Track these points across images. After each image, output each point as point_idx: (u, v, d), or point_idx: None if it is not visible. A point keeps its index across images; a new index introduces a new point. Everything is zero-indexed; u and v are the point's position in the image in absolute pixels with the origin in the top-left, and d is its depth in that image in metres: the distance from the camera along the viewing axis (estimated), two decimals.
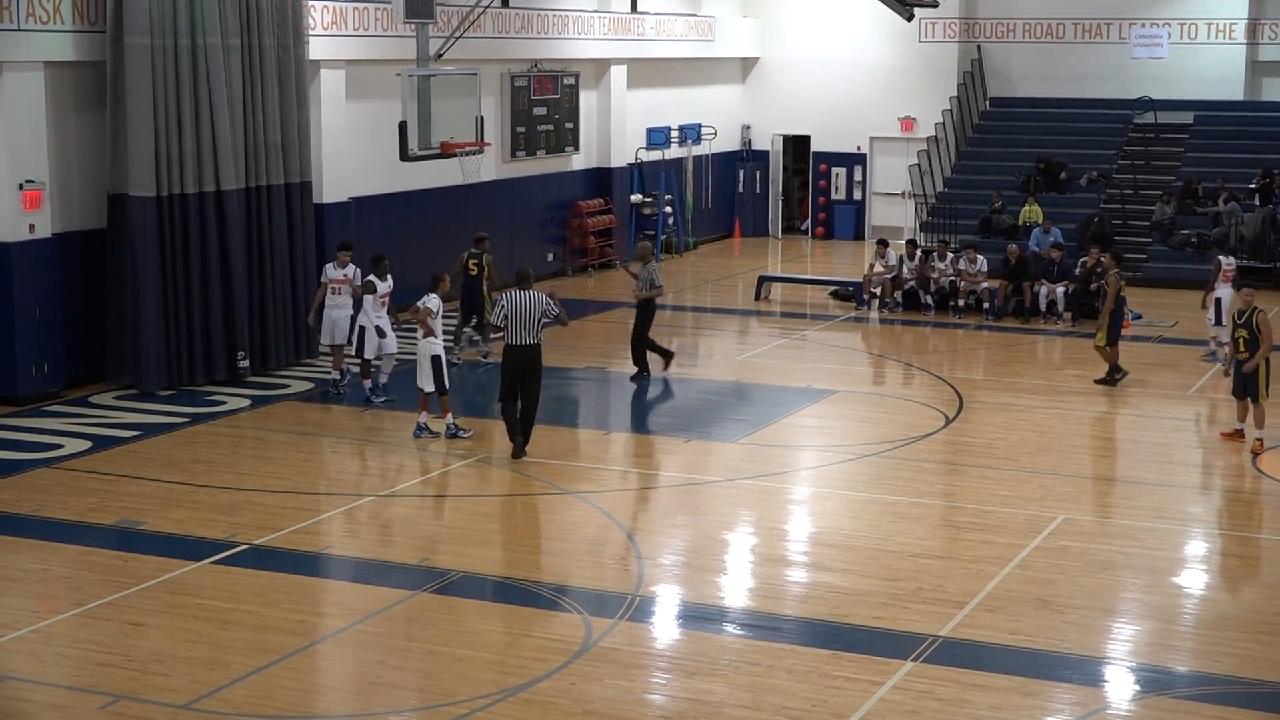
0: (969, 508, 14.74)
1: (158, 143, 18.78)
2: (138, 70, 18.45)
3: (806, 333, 24.54)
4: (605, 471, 16.29)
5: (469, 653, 11.06)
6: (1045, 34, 34.41)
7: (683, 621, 11.91)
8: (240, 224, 19.99)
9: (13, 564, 13.01)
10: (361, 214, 23.71)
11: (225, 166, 19.64)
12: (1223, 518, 14.89)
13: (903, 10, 31.29)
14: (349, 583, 12.88)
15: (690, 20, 33.23)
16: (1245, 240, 28.75)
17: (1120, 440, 17.37)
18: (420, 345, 17.06)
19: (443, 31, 23.07)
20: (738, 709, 10.12)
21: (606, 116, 30.68)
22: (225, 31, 19.48)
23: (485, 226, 26.77)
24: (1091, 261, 24.91)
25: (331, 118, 22.86)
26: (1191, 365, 21.50)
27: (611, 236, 30.42)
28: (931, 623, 11.61)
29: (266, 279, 20.45)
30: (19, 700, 10.21)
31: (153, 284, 18.86)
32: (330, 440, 17.27)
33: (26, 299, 18.30)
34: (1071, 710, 10.21)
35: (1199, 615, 12.14)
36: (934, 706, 10.16)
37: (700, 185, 34.55)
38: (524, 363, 16.09)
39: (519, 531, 14.20)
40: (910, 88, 34.63)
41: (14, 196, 18.05)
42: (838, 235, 35.73)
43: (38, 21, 17.93)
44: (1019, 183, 31.12)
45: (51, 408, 18.30)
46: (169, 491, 15.06)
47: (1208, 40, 33.02)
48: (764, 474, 16.05)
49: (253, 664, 10.75)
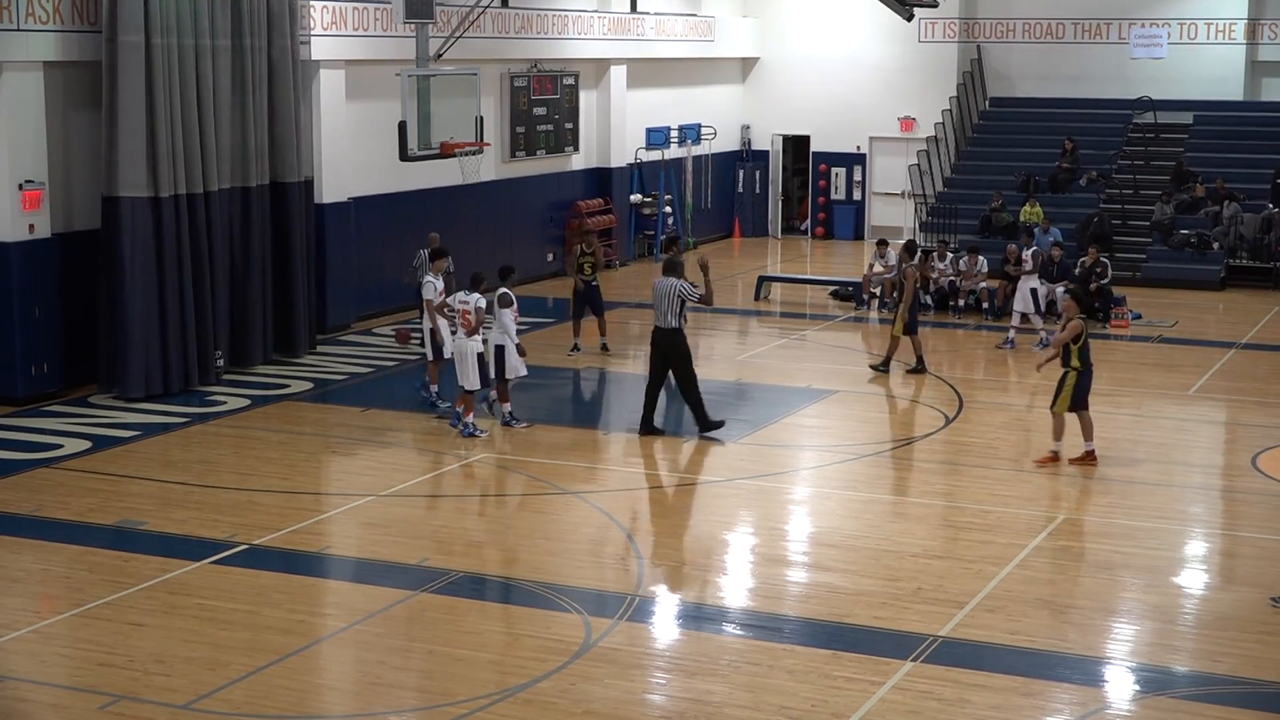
0: (969, 508, 14.73)
1: (153, 144, 18.72)
2: (132, 70, 18.40)
3: (806, 333, 24.54)
4: (605, 471, 16.29)
5: (469, 653, 11.05)
6: (1045, 34, 34.42)
7: (683, 621, 11.91)
8: (238, 224, 20.00)
9: (13, 564, 13.01)
10: (361, 214, 23.71)
11: (220, 167, 19.59)
12: (1223, 518, 14.88)
13: (902, 10, 31.28)
14: (349, 583, 12.88)
15: (690, 20, 33.23)
16: (1245, 240, 28.78)
17: (1120, 440, 17.35)
18: (463, 343, 17.04)
19: (442, 31, 23.06)
20: (738, 709, 10.12)
21: (606, 116, 30.68)
22: (220, 33, 19.47)
23: (485, 226, 26.89)
24: (1090, 261, 24.94)
25: (331, 118, 22.87)
26: (1191, 365, 21.51)
27: (611, 236, 30.41)
28: (931, 623, 11.61)
29: (264, 279, 20.43)
30: (19, 700, 10.21)
31: (145, 286, 18.77)
32: (330, 440, 17.27)
33: (26, 299, 18.30)
34: (1071, 710, 10.21)
35: (1199, 615, 12.14)
36: (934, 706, 10.16)
37: (700, 185, 34.55)
38: (663, 346, 17.21)
39: (519, 531, 14.19)
40: (910, 88, 34.64)
41: (14, 196, 18.04)
42: (837, 235, 35.73)
43: (37, 21, 17.93)
44: (1019, 182, 31.12)
45: (51, 408, 18.30)
46: (169, 491, 15.06)
47: (1207, 40, 33.03)
48: (764, 474, 16.05)
49: (252, 664, 10.75)
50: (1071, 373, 15.88)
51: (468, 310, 17.02)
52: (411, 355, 21.61)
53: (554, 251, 29.29)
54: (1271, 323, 25.05)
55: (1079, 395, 15.94)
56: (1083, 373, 15.87)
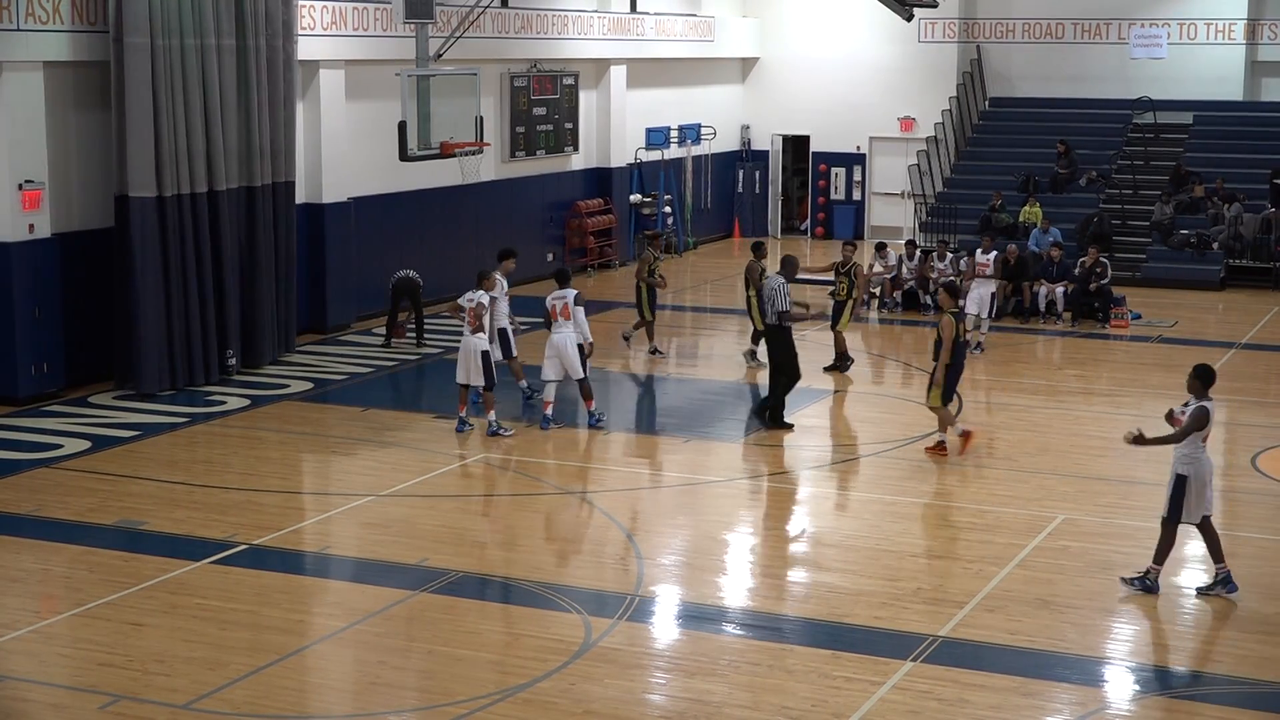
0: (969, 508, 14.74)
1: (158, 144, 18.75)
2: (138, 70, 18.43)
3: (806, 333, 24.54)
4: (605, 471, 16.29)
5: (469, 653, 11.06)
6: (1044, 34, 34.42)
7: (682, 621, 11.91)
8: (240, 223, 20.01)
9: (13, 564, 13.01)
10: (361, 214, 23.71)
11: (225, 167, 19.62)
12: (1222, 518, 14.86)
13: (902, 10, 31.29)
14: (349, 583, 12.88)
15: (690, 20, 33.24)
16: (1244, 240, 28.79)
17: (1119, 440, 17.33)
18: (469, 341, 17.06)
19: (442, 31, 23.06)
20: (738, 709, 10.12)
21: (606, 116, 30.67)
22: (224, 32, 19.49)
23: (485, 226, 26.90)
24: (1090, 261, 24.95)
25: (331, 118, 22.87)
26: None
27: (611, 236, 30.41)
28: (931, 623, 11.61)
29: (264, 278, 20.44)
30: (19, 700, 10.21)
31: (154, 285, 18.85)
32: (330, 440, 17.27)
33: (26, 299, 18.29)
34: (1071, 710, 10.22)
35: (1199, 615, 12.14)
36: (934, 706, 10.16)
37: (700, 185, 34.55)
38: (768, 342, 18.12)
39: (519, 531, 14.19)
40: (910, 88, 34.64)
41: (13, 196, 18.04)
42: (837, 235, 35.67)
43: (37, 21, 17.93)
44: (1018, 183, 31.13)
45: (51, 408, 18.29)
46: (169, 491, 15.07)
47: (1207, 41, 33.04)
48: (764, 474, 16.05)
49: (252, 664, 10.75)
50: (942, 367, 16.28)
51: (472, 308, 17.06)
52: (411, 355, 21.62)
53: (554, 251, 29.30)
54: (1271, 323, 25.05)
55: (949, 389, 16.44)
56: (951, 366, 16.32)
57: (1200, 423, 12.20)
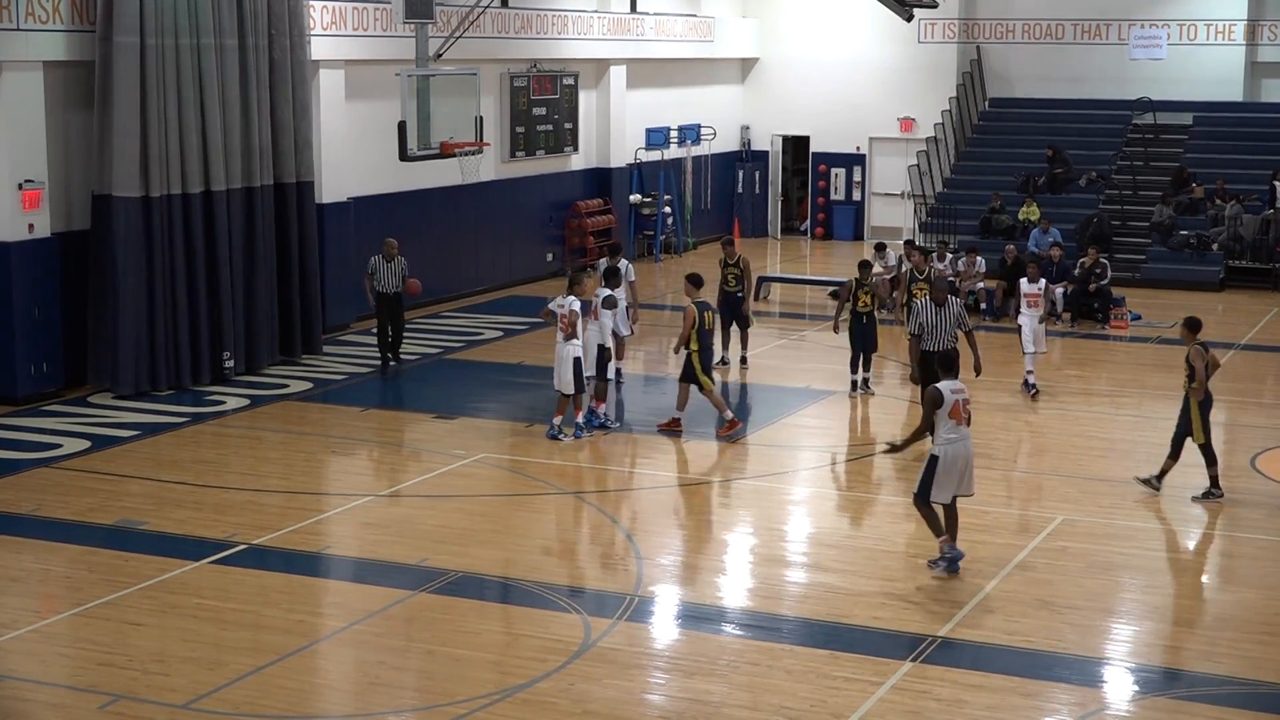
0: (968, 508, 14.69)
1: (145, 143, 18.69)
2: (125, 70, 18.37)
3: (806, 333, 24.55)
4: (605, 471, 16.30)
5: (469, 653, 11.06)
6: (1044, 35, 34.42)
7: (682, 621, 11.92)
8: (238, 224, 19.99)
9: (13, 564, 13.01)
10: (361, 214, 23.71)
11: (216, 167, 19.56)
12: (1222, 518, 14.88)
13: (902, 11, 31.28)
14: (348, 583, 12.88)
15: (690, 20, 33.24)
16: (1244, 241, 28.79)
17: (1119, 441, 17.37)
18: (564, 348, 16.96)
19: (442, 31, 23.07)
20: (737, 709, 10.13)
21: (606, 117, 30.68)
22: (218, 32, 19.45)
23: (485, 226, 26.91)
24: (1090, 261, 24.94)
25: (331, 118, 22.87)
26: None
27: (611, 237, 30.39)
28: (930, 623, 11.62)
29: (259, 280, 20.42)
30: (19, 700, 10.22)
31: (135, 286, 18.74)
32: (330, 440, 17.27)
33: (25, 299, 18.29)
34: (1070, 710, 10.22)
35: (1199, 615, 12.15)
36: (933, 706, 10.17)
37: (699, 185, 34.55)
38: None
39: (519, 531, 14.19)
40: (909, 88, 34.64)
41: (13, 196, 18.05)
42: (837, 236, 35.74)
43: (37, 21, 17.93)
44: (1018, 183, 31.13)
45: (50, 407, 18.30)
46: (169, 491, 15.07)
47: (1207, 41, 33.04)
48: (764, 474, 16.06)
49: (252, 664, 10.76)
50: (693, 353, 17.12)
51: (563, 313, 16.98)
52: (411, 356, 21.60)
53: (553, 251, 29.30)
54: (1271, 323, 25.06)
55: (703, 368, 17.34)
56: (699, 351, 17.18)
57: (936, 404, 12.56)
